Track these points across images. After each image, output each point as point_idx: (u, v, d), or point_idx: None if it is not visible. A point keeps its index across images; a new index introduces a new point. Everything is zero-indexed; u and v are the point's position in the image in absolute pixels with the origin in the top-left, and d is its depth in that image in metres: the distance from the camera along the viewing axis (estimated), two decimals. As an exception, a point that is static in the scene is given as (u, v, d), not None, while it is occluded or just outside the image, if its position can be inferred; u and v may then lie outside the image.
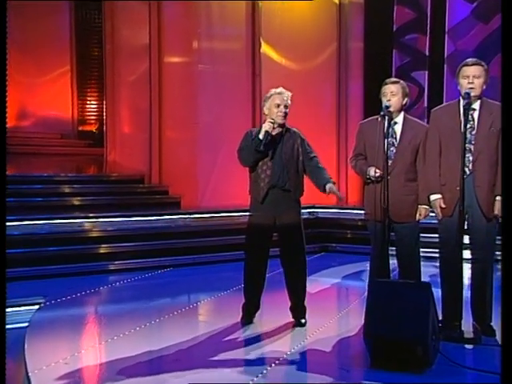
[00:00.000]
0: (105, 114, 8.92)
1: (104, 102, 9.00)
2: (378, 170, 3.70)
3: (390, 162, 3.76)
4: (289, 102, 3.90)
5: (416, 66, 8.15)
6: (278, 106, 3.89)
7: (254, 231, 3.89)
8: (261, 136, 3.82)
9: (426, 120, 8.06)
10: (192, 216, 6.86)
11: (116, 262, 5.98)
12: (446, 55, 7.94)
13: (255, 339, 3.71)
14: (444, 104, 3.87)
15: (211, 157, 7.71)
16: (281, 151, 3.88)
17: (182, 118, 7.81)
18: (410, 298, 3.12)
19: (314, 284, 5.19)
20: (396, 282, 3.45)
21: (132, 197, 7.49)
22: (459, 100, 3.63)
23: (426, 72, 8.13)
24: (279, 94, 3.91)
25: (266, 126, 3.82)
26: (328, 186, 3.81)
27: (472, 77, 3.57)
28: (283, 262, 3.93)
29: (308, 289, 4.05)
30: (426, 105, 8.13)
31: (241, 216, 6.98)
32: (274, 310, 4.20)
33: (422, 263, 3.86)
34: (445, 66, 7.91)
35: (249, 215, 3.98)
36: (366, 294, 3.95)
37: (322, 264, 6.55)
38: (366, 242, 4.02)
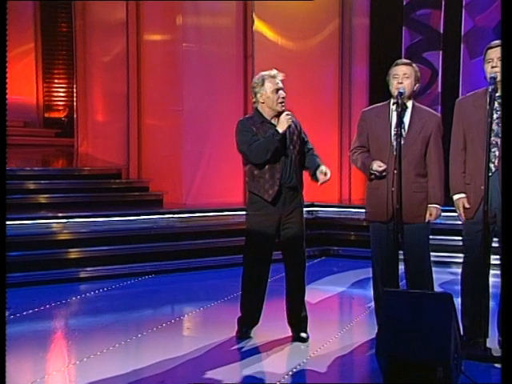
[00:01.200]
0: (75, 99, 8.86)
1: (74, 86, 8.94)
2: (382, 164, 3.71)
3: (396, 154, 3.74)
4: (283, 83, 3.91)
5: (429, 46, 8.09)
6: (277, 91, 3.86)
7: (257, 234, 3.89)
8: (281, 130, 3.79)
9: (439, 108, 8.11)
10: (176, 216, 6.82)
11: (89, 269, 5.95)
12: (462, 33, 7.85)
13: (248, 358, 3.67)
14: (471, 93, 3.86)
15: (197, 148, 7.70)
16: (289, 143, 3.90)
17: (164, 104, 7.78)
18: (429, 311, 3.09)
19: (315, 293, 5.18)
20: (411, 292, 3.40)
21: (107, 194, 7.43)
22: (487, 88, 3.61)
23: (440, 52, 8.06)
24: (274, 77, 3.88)
25: (289, 120, 3.80)
26: (320, 169, 3.85)
27: (496, 59, 3.58)
28: (285, 267, 3.96)
29: (307, 298, 4.06)
30: (439, 90, 8.09)
31: (232, 216, 6.98)
32: (272, 322, 4.17)
33: (433, 269, 3.86)
34: (461, 45, 7.84)
35: (248, 215, 3.96)
36: (373, 304, 3.97)
37: (323, 270, 6.54)
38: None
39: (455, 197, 3.69)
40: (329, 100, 8.38)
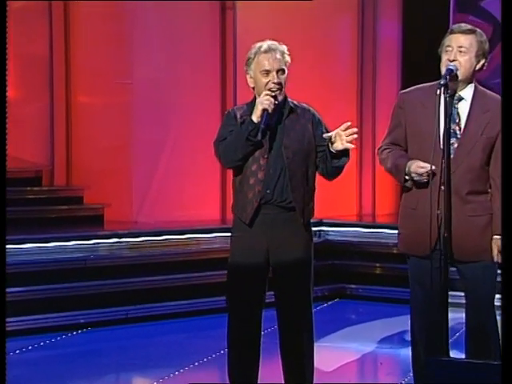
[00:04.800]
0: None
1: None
2: (425, 164, 3.73)
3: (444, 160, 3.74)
4: (285, 62, 3.94)
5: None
6: (267, 73, 3.91)
7: (238, 270, 3.99)
8: (255, 118, 3.84)
9: (500, 82, 8.03)
10: (123, 240, 6.80)
11: (-5, 320, 5.92)
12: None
13: None
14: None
15: (154, 139, 7.67)
16: (280, 142, 3.92)
17: (104, 74, 7.75)
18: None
19: (325, 354, 5.19)
20: (472, 363, 3.40)
21: (21, 208, 7.33)
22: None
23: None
24: (266, 51, 3.93)
25: (264, 102, 3.83)
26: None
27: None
28: (277, 316, 4.01)
29: (316, 362, 4.05)
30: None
31: (206, 239, 6.96)
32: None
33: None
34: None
35: (231, 242, 4.07)
36: (410, 373, 4.02)
37: (336, 318, 6.54)
38: (408, 284, 4.06)
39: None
40: (343, 72, 8.39)
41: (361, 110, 8.52)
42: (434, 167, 3.69)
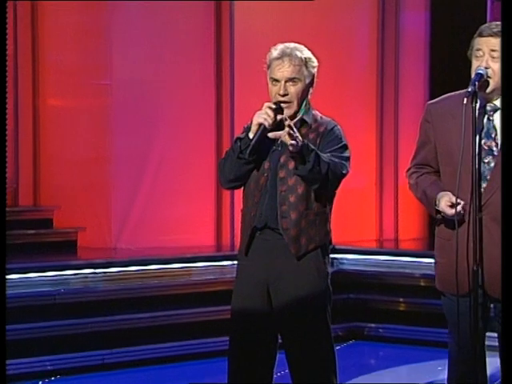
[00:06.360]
0: None
1: None
2: (454, 200, 3.77)
3: (484, 184, 3.82)
4: (301, 71, 4.01)
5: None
6: (276, 82, 4.03)
7: (236, 305, 4.09)
8: (250, 133, 3.97)
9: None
10: (100, 271, 6.77)
11: None
12: None
13: None
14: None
15: (137, 150, 7.69)
16: (285, 162, 4.00)
17: (79, 74, 7.77)
18: None
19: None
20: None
21: (-20, 232, 7.38)
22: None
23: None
24: (278, 57, 4.03)
25: (260, 116, 3.95)
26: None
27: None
28: (287, 360, 4.05)
29: None
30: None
31: (200, 270, 6.95)
32: None
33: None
34: None
35: (236, 270, 4.20)
36: None
37: (352, 364, 6.50)
38: (438, 323, 4.24)
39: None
40: (360, 74, 8.40)
41: (381, 119, 8.53)
42: (462, 204, 3.73)
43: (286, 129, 3.83)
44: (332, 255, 7.29)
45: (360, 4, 8.45)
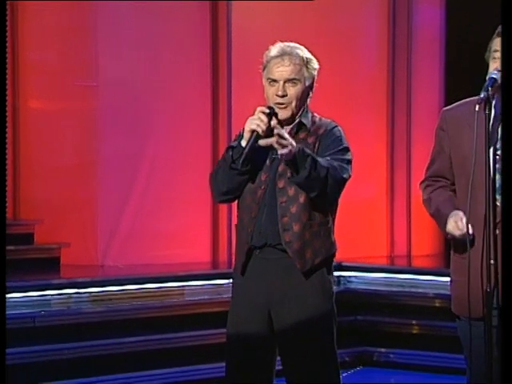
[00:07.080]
0: None
1: None
2: (461, 225, 3.82)
3: (499, 197, 3.82)
4: (301, 71, 4.03)
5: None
6: (274, 82, 4.05)
7: (234, 332, 4.12)
8: (243, 141, 3.99)
9: None
10: (85, 291, 6.76)
11: None
12: None
13: None
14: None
15: (127, 158, 7.73)
16: (284, 170, 4.02)
17: (63, 75, 7.82)
18: None
19: None
20: None
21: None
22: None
23: None
24: (277, 56, 4.06)
25: (253, 122, 3.96)
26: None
27: None
28: None
29: None
30: None
31: (194, 289, 6.98)
32: None
33: None
34: None
35: (232, 289, 4.24)
36: None
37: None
38: (454, 348, 4.23)
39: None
40: (369, 75, 8.44)
41: (392, 124, 8.56)
42: (471, 230, 3.76)
43: (276, 137, 3.83)
44: (338, 273, 7.44)
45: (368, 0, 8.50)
